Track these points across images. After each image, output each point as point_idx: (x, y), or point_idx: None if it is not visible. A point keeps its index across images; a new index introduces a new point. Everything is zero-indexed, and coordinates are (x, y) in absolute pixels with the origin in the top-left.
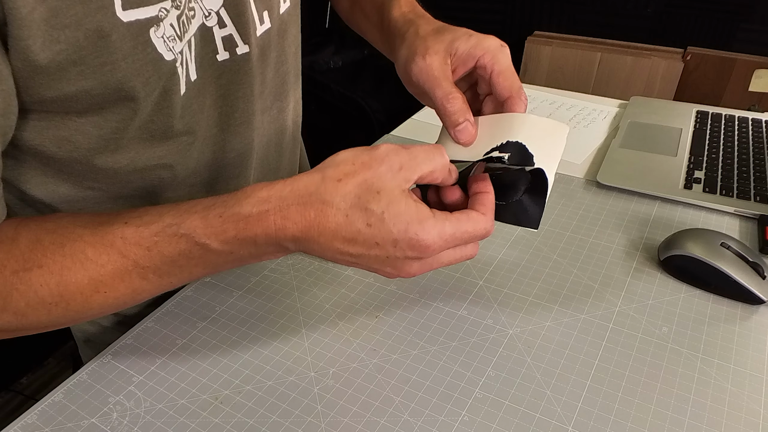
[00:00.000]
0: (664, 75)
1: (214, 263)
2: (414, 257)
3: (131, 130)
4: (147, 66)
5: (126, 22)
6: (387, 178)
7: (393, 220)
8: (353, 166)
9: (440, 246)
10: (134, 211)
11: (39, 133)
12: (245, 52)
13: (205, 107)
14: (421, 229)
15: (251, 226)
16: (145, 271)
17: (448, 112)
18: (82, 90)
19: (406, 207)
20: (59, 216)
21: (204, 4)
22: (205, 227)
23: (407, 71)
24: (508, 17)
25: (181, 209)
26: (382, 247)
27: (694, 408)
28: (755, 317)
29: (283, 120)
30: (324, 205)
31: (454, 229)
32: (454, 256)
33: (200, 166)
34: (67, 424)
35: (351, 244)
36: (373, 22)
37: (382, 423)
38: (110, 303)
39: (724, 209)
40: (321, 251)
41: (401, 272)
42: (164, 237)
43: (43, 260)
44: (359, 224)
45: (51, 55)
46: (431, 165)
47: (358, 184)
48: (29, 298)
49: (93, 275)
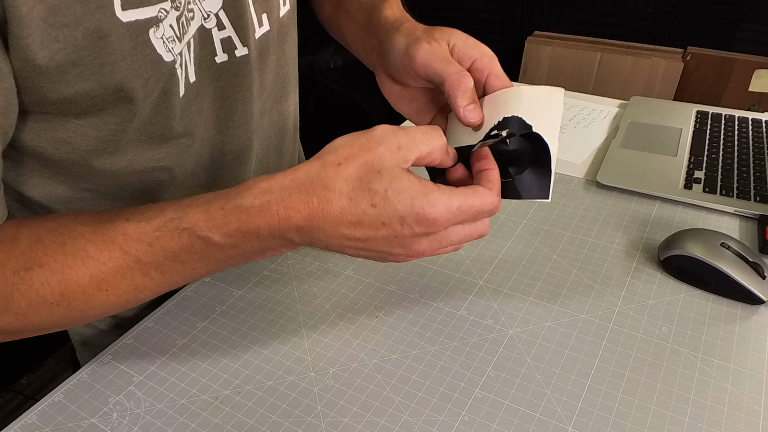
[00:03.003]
0: (664, 75)
1: (217, 258)
2: (422, 233)
3: (130, 132)
4: (146, 67)
5: (125, 23)
6: (387, 157)
7: (397, 196)
8: (352, 149)
9: (448, 219)
10: (135, 208)
11: (37, 135)
12: (244, 54)
13: (203, 109)
14: (426, 202)
15: (253, 218)
16: (147, 268)
17: (463, 89)
18: (82, 92)
19: (409, 182)
20: (59, 215)
21: (203, 6)
22: (207, 220)
23: (410, 54)
24: (508, 17)
25: (183, 204)
26: (389, 227)
27: (694, 408)
28: (755, 317)
29: (283, 123)
30: (326, 190)
31: (461, 202)
32: (464, 232)
33: (198, 169)
34: (67, 424)
35: (357, 227)
36: (358, 22)
37: (382, 423)
38: (112, 302)
39: (724, 209)
40: (327, 240)
41: (410, 251)
42: (166, 232)
43: (44, 259)
44: (364, 205)
45: (49, 54)
46: (429, 145)
47: (359, 167)
48: (31, 297)
49: (95, 273)
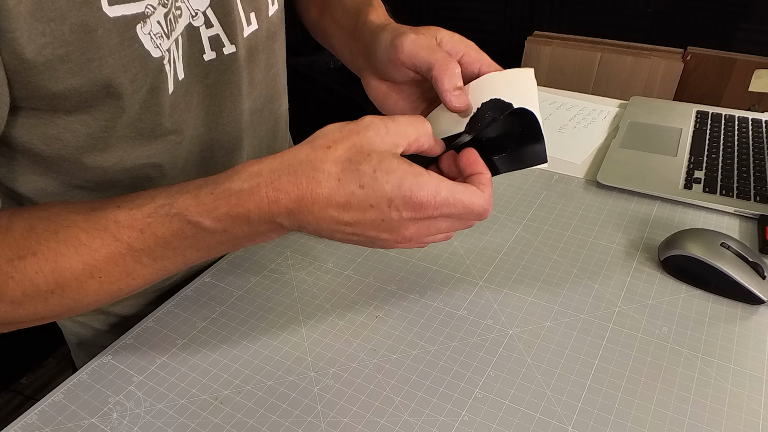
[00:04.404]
0: (664, 75)
1: (208, 244)
2: (410, 218)
3: (120, 129)
4: (134, 62)
5: (112, 18)
6: (376, 141)
7: (385, 177)
8: (341, 134)
9: (435, 205)
10: (126, 196)
11: (27, 131)
12: (232, 52)
13: (192, 106)
14: (415, 184)
15: (243, 202)
16: (138, 254)
17: (449, 75)
18: (71, 88)
19: (398, 164)
20: (51, 204)
21: (191, 4)
22: (197, 205)
23: (396, 45)
24: (508, 17)
25: (173, 190)
26: (376, 208)
27: (694, 408)
28: (755, 317)
29: (275, 122)
30: (315, 171)
31: (449, 192)
32: (452, 221)
33: (188, 165)
34: (67, 424)
35: (345, 209)
36: (344, 27)
37: (382, 423)
38: (105, 289)
39: (724, 209)
40: (316, 223)
41: (398, 236)
42: (157, 218)
43: (38, 247)
44: (352, 186)
45: (37, 48)
46: (416, 131)
47: (348, 148)
48: (25, 286)
49: (87, 260)
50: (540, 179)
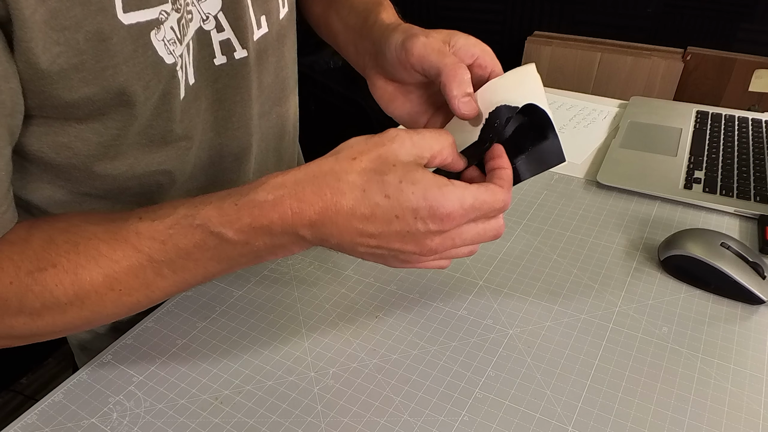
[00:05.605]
0: (664, 75)
1: (229, 256)
2: (436, 230)
3: (131, 136)
4: (147, 69)
5: (127, 25)
6: (401, 153)
7: (411, 187)
8: (366, 146)
9: (461, 215)
10: (148, 207)
11: (38, 139)
12: (243, 56)
13: (202, 111)
14: (440, 195)
15: (266, 213)
16: (159, 266)
17: (459, 80)
18: (84, 97)
19: (423, 174)
20: (70, 215)
21: (202, 8)
22: (221, 216)
23: (406, 47)
24: (508, 17)
25: (196, 201)
26: (402, 220)
27: (694, 408)
28: (755, 317)
29: (282, 124)
30: (339, 182)
31: (474, 198)
32: (477, 230)
33: (197, 171)
34: (67, 424)
35: (370, 221)
36: (350, 26)
37: (382, 423)
38: (124, 301)
39: (724, 209)
40: (339, 235)
41: (423, 248)
42: (179, 229)
43: (57, 259)
44: (377, 197)
45: (51, 57)
46: (440, 144)
47: (372, 159)
48: (45, 298)
49: (107, 272)
50: (540, 179)
